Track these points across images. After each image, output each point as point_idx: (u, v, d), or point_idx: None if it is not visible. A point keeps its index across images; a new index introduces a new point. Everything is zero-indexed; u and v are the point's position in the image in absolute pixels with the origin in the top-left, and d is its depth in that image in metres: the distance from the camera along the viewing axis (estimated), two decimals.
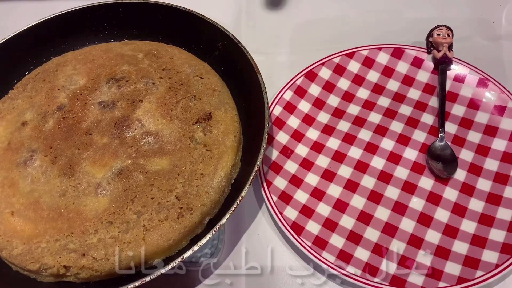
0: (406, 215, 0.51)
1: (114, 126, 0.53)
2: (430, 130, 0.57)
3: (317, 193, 0.54)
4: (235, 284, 0.49)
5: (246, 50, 0.56)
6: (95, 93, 0.56)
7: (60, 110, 0.55)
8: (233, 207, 0.44)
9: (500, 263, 0.46)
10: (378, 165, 0.55)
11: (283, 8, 0.74)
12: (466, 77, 0.60)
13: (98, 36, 0.65)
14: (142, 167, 0.50)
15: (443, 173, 0.53)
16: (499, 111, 0.57)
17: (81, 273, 0.45)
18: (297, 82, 0.62)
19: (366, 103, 0.61)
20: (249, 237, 0.52)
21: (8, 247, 0.46)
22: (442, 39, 0.61)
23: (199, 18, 0.59)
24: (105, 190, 0.48)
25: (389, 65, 0.63)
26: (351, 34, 0.70)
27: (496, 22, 0.69)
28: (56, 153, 0.51)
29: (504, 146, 0.55)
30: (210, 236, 0.43)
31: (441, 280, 0.46)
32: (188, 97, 0.55)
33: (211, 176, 0.49)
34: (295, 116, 0.60)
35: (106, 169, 0.50)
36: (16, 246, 0.46)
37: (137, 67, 0.58)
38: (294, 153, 0.57)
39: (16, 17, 0.75)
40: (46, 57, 0.63)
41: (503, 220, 0.50)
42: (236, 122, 0.54)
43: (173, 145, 0.51)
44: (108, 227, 0.46)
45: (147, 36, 0.64)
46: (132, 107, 0.54)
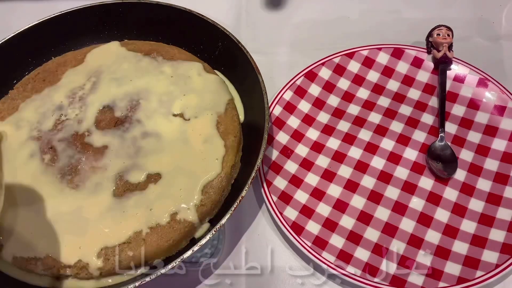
0: (406, 215, 0.51)
1: (114, 126, 0.53)
2: (430, 130, 0.57)
3: (317, 193, 0.54)
4: (235, 284, 0.49)
5: (246, 50, 0.56)
6: (95, 93, 0.56)
7: (60, 110, 0.55)
8: (233, 207, 0.44)
9: (500, 263, 0.46)
10: (378, 165, 0.55)
11: (283, 8, 0.74)
12: (466, 77, 0.60)
13: (98, 36, 0.65)
14: (142, 167, 0.50)
15: (443, 173, 0.53)
16: (499, 111, 0.57)
17: (81, 273, 0.45)
18: (297, 82, 0.62)
19: (366, 103, 0.61)
20: (249, 237, 0.52)
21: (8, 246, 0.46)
22: (442, 39, 0.61)
23: (199, 18, 0.59)
24: (104, 190, 0.48)
25: (389, 65, 0.63)
26: (351, 34, 0.70)
27: (496, 22, 0.69)
28: (56, 153, 0.51)
29: (504, 146, 0.55)
30: (210, 236, 0.43)
31: (441, 280, 0.46)
32: (188, 96, 0.55)
33: (211, 176, 0.49)
34: (295, 116, 0.60)
35: (106, 169, 0.50)
36: (15, 246, 0.46)
37: (137, 66, 0.58)
38: (294, 153, 0.57)
39: (16, 17, 0.75)
40: (46, 57, 0.63)
41: (503, 220, 0.50)
42: (236, 122, 0.54)
43: (173, 145, 0.51)
44: (108, 227, 0.46)
45: (147, 36, 0.64)
46: (132, 107, 0.54)
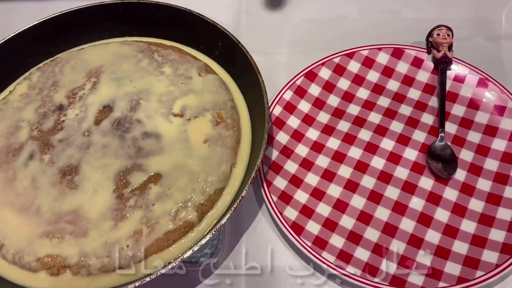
0: (406, 215, 0.51)
1: (114, 126, 0.53)
2: (430, 130, 0.57)
3: (317, 193, 0.54)
4: (235, 284, 0.49)
5: (246, 50, 0.56)
6: (95, 93, 0.56)
7: (60, 110, 0.55)
8: (233, 207, 0.44)
9: (500, 263, 0.46)
10: (378, 165, 0.55)
11: (283, 8, 0.74)
12: (466, 77, 0.60)
13: (98, 36, 0.65)
14: (142, 167, 0.50)
15: (443, 173, 0.53)
16: (499, 111, 0.57)
17: (81, 273, 0.45)
18: (297, 82, 0.62)
19: (366, 103, 0.61)
20: (249, 237, 0.52)
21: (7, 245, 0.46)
22: (442, 39, 0.61)
23: (199, 18, 0.59)
24: (105, 190, 0.48)
25: (389, 65, 0.63)
26: (351, 34, 0.70)
27: (496, 22, 0.69)
28: (56, 153, 0.51)
29: (504, 146, 0.55)
30: (210, 236, 0.43)
31: (441, 280, 0.46)
32: (188, 96, 0.55)
33: (211, 176, 0.49)
34: (295, 116, 0.60)
35: (106, 169, 0.50)
36: (15, 245, 0.46)
37: (137, 67, 0.58)
38: (294, 153, 0.57)
39: (17, 17, 0.75)
40: (46, 57, 0.63)
41: (503, 220, 0.50)
42: (236, 122, 0.54)
43: (173, 145, 0.51)
44: (108, 227, 0.46)
45: (147, 36, 0.64)
46: (132, 107, 0.54)
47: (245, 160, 0.52)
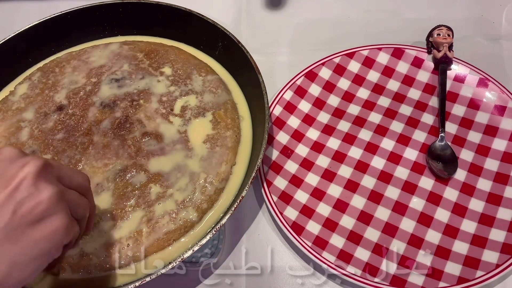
0: (406, 215, 0.51)
1: (115, 127, 0.53)
2: (430, 130, 0.57)
3: (317, 193, 0.54)
4: (235, 284, 0.49)
5: (246, 50, 0.56)
6: (96, 94, 0.56)
7: (60, 110, 0.55)
8: (233, 207, 0.44)
9: (500, 263, 0.46)
10: (378, 165, 0.55)
11: (283, 8, 0.74)
12: (466, 77, 0.60)
13: (98, 36, 0.65)
14: (142, 167, 0.50)
15: (443, 173, 0.53)
16: (499, 111, 0.57)
17: (81, 273, 0.45)
18: (297, 82, 0.62)
19: (366, 103, 0.61)
20: (249, 237, 0.52)
21: None
22: (442, 39, 0.61)
23: (199, 18, 0.59)
24: (105, 190, 0.48)
25: (389, 65, 0.63)
26: (351, 34, 0.70)
27: (496, 22, 0.69)
28: (56, 153, 0.51)
29: (504, 146, 0.55)
30: (210, 236, 0.43)
31: (441, 280, 0.46)
32: (188, 97, 0.55)
33: (211, 176, 0.49)
34: (295, 116, 0.60)
35: (106, 169, 0.50)
36: None
37: (137, 67, 0.58)
38: (294, 153, 0.57)
39: (17, 17, 0.75)
40: (46, 57, 0.63)
41: (503, 220, 0.50)
42: (236, 122, 0.54)
43: (174, 145, 0.51)
44: (109, 226, 0.46)
45: (147, 36, 0.64)
46: (132, 108, 0.54)
47: (245, 160, 0.52)
